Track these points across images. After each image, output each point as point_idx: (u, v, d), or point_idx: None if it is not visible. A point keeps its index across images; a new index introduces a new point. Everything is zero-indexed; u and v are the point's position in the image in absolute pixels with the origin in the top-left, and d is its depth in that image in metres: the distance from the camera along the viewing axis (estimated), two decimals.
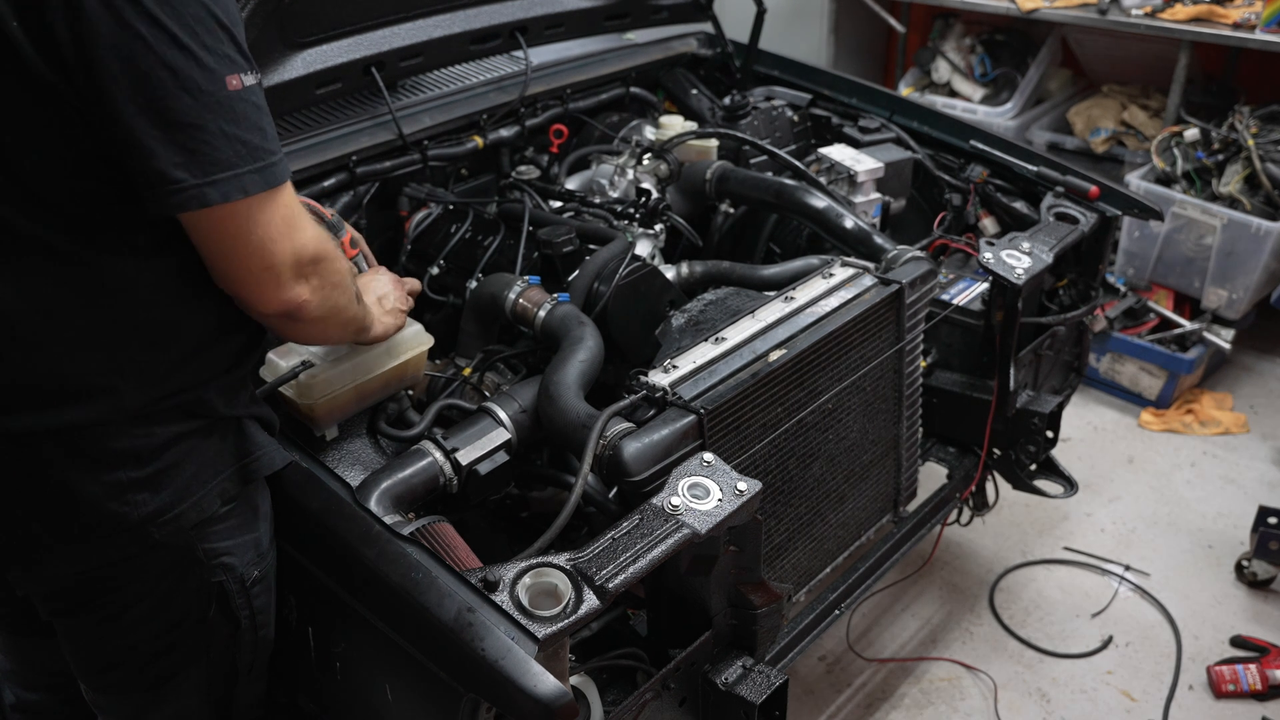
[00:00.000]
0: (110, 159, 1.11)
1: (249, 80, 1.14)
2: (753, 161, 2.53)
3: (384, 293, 1.60)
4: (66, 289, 1.17)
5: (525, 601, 1.23)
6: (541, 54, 2.61)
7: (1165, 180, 3.50)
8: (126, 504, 1.24)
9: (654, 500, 1.38)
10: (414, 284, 1.75)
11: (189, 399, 1.25)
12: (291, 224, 1.20)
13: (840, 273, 1.95)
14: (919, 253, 2.03)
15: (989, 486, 2.43)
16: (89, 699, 1.46)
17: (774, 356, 1.72)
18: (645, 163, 2.46)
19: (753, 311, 1.83)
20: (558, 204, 2.30)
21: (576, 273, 1.94)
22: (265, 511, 1.41)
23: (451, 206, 2.26)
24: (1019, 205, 2.50)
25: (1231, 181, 3.35)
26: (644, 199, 2.23)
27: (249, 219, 1.15)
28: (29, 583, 1.31)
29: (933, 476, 2.36)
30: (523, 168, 2.46)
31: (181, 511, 1.28)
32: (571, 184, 2.49)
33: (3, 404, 1.19)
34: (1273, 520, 2.64)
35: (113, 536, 1.25)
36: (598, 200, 2.28)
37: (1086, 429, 3.41)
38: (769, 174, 2.40)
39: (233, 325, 1.29)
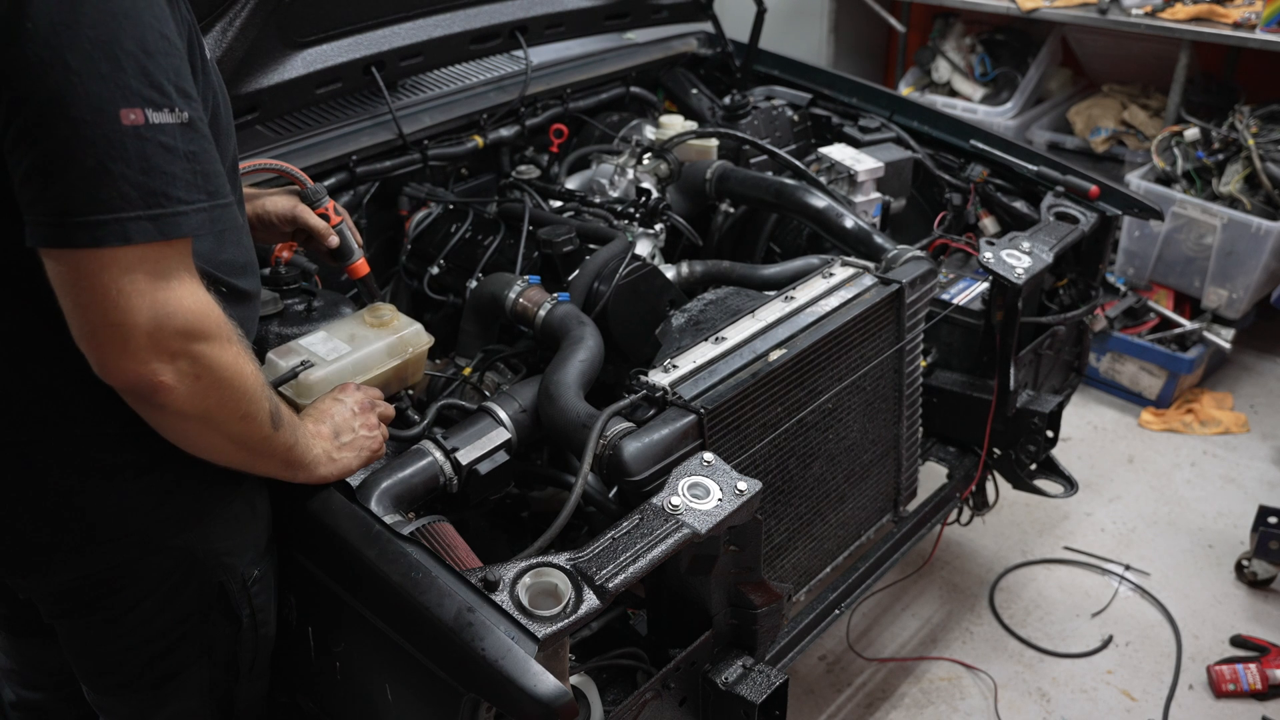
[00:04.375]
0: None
1: (160, 118, 1.01)
2: (753, 161, 2.53)
3: (342, 424, 1.40)
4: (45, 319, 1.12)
5: (525, 601, 1.22)
6: (541, 54, 2.61)
7: (1165, 180, 3.50)
8: (126, 510, 1.25)
9: (654, 500, 1.38)
10: (387, 409, 1.49)
11: None
12: (164, 281, 1.03)
13: (840, 272, 1.95)
14: (919, 252, 2.03)
15: (989, 486, 2.43)
16: (91, 700, 1.46)
17: (774, 356, 1.72)
18: (645, 162, 2.46)
19: (753, 311, 1.83)
20: (558, 204, 2.29)
21: (576, 272, 1.94)
22: (262, 510, 1.41)
23: (451, 206, 2.26)
24: (1019, 205, 2.50)
25: (1231, 181, 3.35)
26: (644, 199, 2.23)
27: (111, 264, 1.01)
28: (32, 587, 1.32)
29: (933, 476, 2.36)
30: (523, 167, 2.46)
31: (179, 515, 1.29)
32: (571, 184, 2.49)
33: None
34: (1273, 520, 2.64)
35: (114, 542, 1.26)
36: (598, 200, 2.27)
37: (1086, 429, 3.40)
38: (769, 174, 2.39)
39: None
